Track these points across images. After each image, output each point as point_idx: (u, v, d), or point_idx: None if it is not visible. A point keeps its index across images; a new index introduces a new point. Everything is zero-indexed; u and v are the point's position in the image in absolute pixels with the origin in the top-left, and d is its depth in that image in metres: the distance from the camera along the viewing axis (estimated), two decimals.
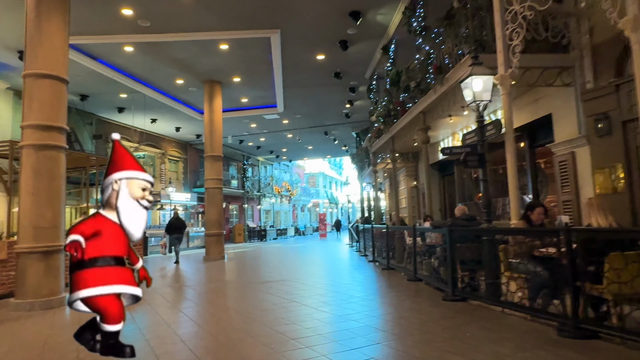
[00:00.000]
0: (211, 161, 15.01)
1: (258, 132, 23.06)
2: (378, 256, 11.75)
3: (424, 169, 13.44)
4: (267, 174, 34.85)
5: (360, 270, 10.40)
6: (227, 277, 10.16)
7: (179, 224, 14.49)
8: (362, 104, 18.02)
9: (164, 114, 18.77)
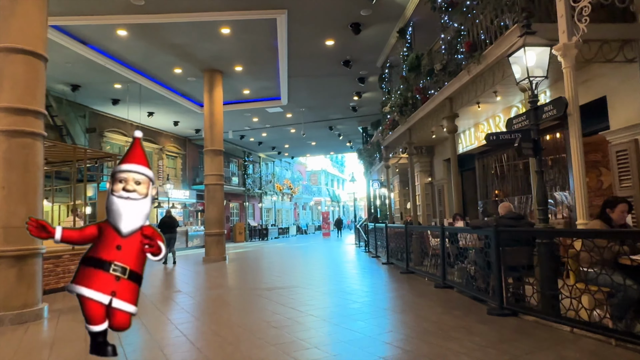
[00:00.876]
0: (211, 156, 14.04)
1: (260, 126, 22.09)
2: (393, 258, 10.82)
3: (441, 165, 12.48)
4: (269, 171, 33.89)
5: (376, 274, 9.45)
6: (230, 282, 9.20)
7: (171, 223, 13.43)
8: (370, 96, 17.06)
9: (162, 107, 17.78)
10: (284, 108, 18.54)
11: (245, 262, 13.59)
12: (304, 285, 7.91)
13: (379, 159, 13.40)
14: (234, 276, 10.07)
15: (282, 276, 9.44)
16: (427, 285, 7.35)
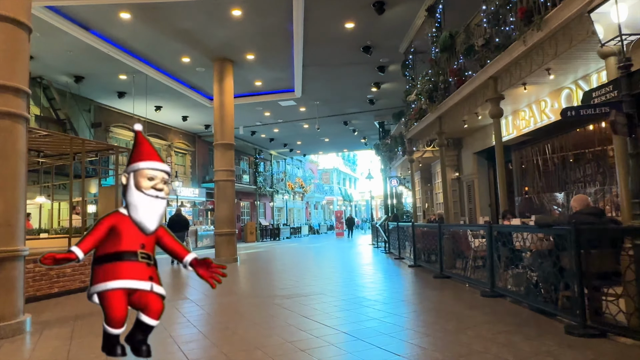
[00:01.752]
0: (222, 150, 13.13)
1: (272, 121, 21.17)
2: (420, 260, 9.82)
3: (470, 158, 11.40)
4: (280, 169, 33.00)
5: (405, 279, 8.45)
6: (243, 287, 8.26)
7: (181, 222, 12.80)
8: (390, 87, 16.03)
9: (170, 100, 16.95)
10: (297, 101, 17.60)
11: (258, 264, 12.67)
12: (327, 292, 6.94)
13: (402, 153, 12.38)
14: (247, 280, 9.14)
15: (299, 281, 8.48)
16: (472, 294, 6.34)
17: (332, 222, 41.92)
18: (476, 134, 11.33)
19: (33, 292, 6.94)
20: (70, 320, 5.35)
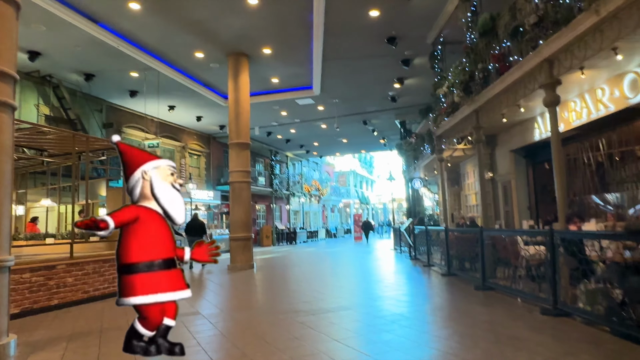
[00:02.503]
0: (237, 150, 12.40)
1: (289, 121, 20.42)
2: (455, 268, 8.91)
3: (507, 157, 10.39)
4: (296, 171, 32.27)
5: (442, 291, 7.54)
6: (261, 299, 7.45)
7: (197, 226, 12.47)
8: (413, 83, 15.12)
9: (183, 100, 16.33)
10: (315, 99, 16.82)
11: (276, 271, 11.86)
12: (355, 307, 6.10)
13: (431, 151, 11.46)
14: (265, 291, 8.33)
15: (322, 292, 7.64)
16: (528, 311, 5.42)
17: (348, 225, 41.02)
18: (513, 129, 10.36)
19: (29, 304, 6.26)
20: (64, 341, 4.61)
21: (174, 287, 2.72)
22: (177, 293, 2.73)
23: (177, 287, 2.73)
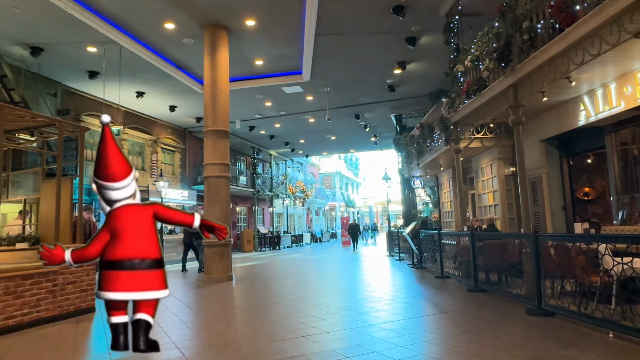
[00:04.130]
0: (213, 139, 10.41)
1: (274, 114, 18.46)
2: (481, 281, 7.17)
3: (536, 148, 8.73)
4: (280, 172, 30.28)
5: (482, 317, 5.70)
6: (242, 331, 5.46)
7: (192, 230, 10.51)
8: (417, 68, 13.39)
9: (153, 85, 14.24)
10: (304, 87, 14.95)
11: (260, 284, 9.88)
12: (377, 349, 4.21)
13: (445, 141, 9.69)
14: (248, 316, 6.36)
15: (324, 318, 5.73)
16: (633, 353, 3.62)
17: (334, 229, 39.18)
18: (546, 115, 8.68)
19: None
20: None
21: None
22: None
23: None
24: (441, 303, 6.66)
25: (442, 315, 5.73)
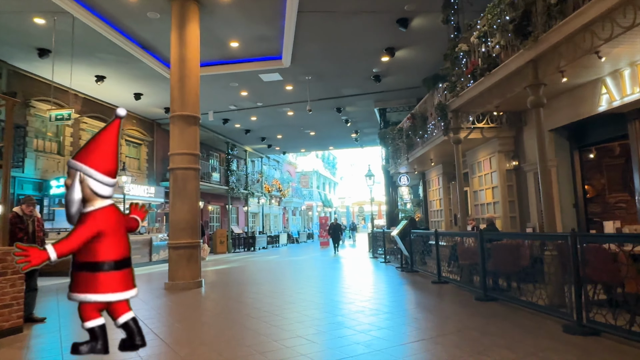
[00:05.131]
0: (181, 125, 9.11)
1: (250, 105, 17.17)
2: (491, 289, 6.19)
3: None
4: (255, 169, 28.92)
5: (512, 335, 4.66)
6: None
7: None
8: (407, 56, 12.40)
9: (114, 67, 12.76)
10: (283, 75, 13.76)
11: (234, 293, 8.62)
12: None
13: (444, 130, 8.67)
14: (219, 335, 5.12)
15: (315, 334, 4.59)
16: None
17: (311, 230, 38.04)
18: (556, 101, 7.79)
19: None
20: None
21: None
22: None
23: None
24: (453, 317, 5.60)
25: (459, 334, 4.66)
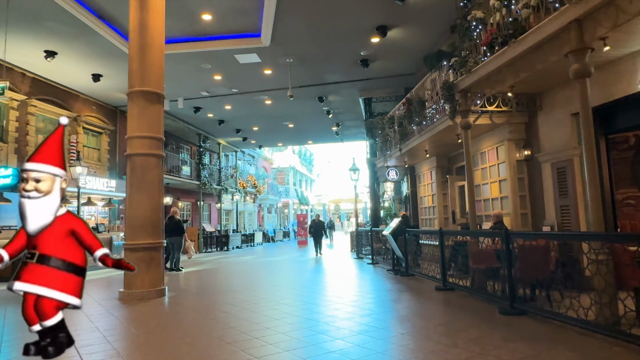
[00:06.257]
0: (140, 103, 7.62)
1: (224, 92, 15.67)
2: (516, 299, 5.10)
3: (566, 124, 6.96)
4: (230, 164, 27.33)
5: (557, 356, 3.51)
6: None
7: (172, 225, 11.29)
8: (399, 36, 11.21)
9: (67, 41, 11.09)
10: (262, 56, 12.39)
11: (204, 305, 7.21)
12: None
13: (451, 114, 7.51)
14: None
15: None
16: None
17: (287, 228, 36.67)
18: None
19: None
20: None
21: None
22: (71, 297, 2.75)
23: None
24: (484, 341, 4.40)
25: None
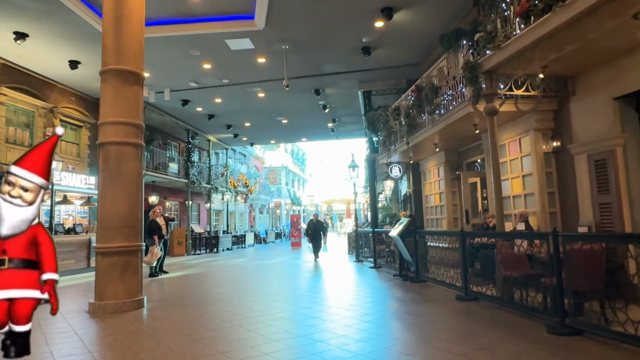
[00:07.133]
0: (116, 84, 6.57)
1: (214, 82, 14.60)
2: (578, 317, 4.17)
3: (608, 110, 5.72)
4: (220, 162, 26.22)
5: None
6: None
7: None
8: (407, 18, 10.24)
9: (39, 21, 9.97)
10: (256, 42, 11.37)
11: (188, 320, 6.15)
12: None
13: (475, 99, 6.57)
14: None
15: None
16: None
17: (279, 229, 35.61)
18: (624, 60, 5.86)
19: None
20: None
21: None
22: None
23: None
24: None
25: None
